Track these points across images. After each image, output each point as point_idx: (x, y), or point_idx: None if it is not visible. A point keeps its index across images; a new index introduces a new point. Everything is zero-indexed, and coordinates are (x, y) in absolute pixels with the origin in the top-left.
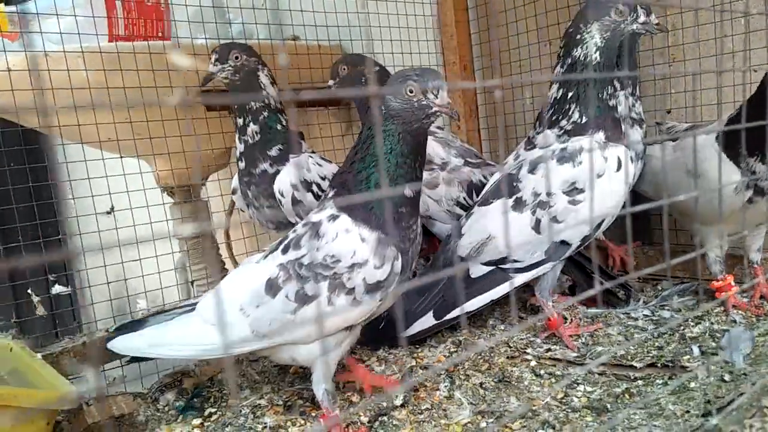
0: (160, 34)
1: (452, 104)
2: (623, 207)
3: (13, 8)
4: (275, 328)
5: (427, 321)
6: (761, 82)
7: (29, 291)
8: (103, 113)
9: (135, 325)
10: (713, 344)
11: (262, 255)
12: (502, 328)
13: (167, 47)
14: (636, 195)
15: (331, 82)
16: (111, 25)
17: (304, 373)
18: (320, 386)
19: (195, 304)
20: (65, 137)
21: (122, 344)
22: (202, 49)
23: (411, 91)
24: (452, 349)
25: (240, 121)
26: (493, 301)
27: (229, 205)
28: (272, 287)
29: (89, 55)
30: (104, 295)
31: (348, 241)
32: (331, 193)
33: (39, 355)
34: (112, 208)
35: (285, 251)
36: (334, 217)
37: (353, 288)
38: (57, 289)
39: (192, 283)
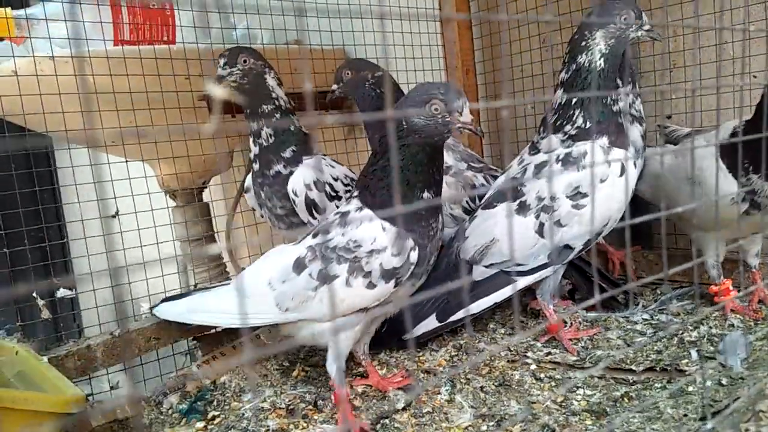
0: (165, 38)
1: (475, 121)
2: (623, 218)
3: (21, 12)
4: (296, 303)
5: (431, 323)
6: (761, 99)
7: (34, 294)
8: (109, 117)
9: (179, 296)
10: (711, 348)
11: (298, 240)
12: (503, 332)
13: (209, 56)
14: (634, 197)
15: (334, 87)
16: (117, 31)
17: (306, 377)
18: (333, 365)
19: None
20: (71, 141)
21: (165, 309)
22: (206, 54)
23: (436, 110)
24: (453, 353)
25: (254, 125)
26: (496, 303)
27: (232, 205)
28: (299, 266)
29: (95, 59)
30: (107, 299)
31: (370, 229)
32: (355, 193)
33: (45, 358)
34: (117, 212)
35: (315, 235)
36: (360, 209)
37: (370, 272)
38: (62, 292)
39: (195, 286)
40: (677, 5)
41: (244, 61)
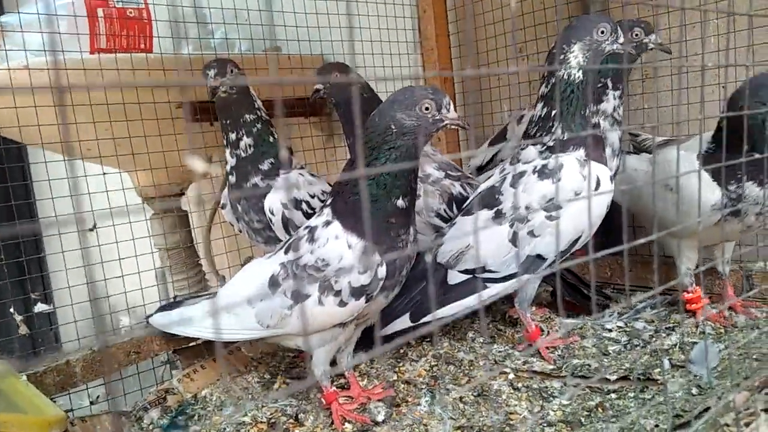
0: (142, 46)
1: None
2: (587, 251)
3: None
4: (276, 321)
5: (404, 322)
6: (728, 107)
7: (11, 310)
8: (86, 127)
9: (173, 305)
10: (683, 357)
11: (273, 252)
12: (482, 341)
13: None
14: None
15: (320, 86)
16: (93, 39)
17: (287, 389)
18: (319, 368)
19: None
20: (47, 149)
21: (160, 320)
22: (184, 62)
23: (427, 108)
24: (433, 363)
25: (233, 135)
26: (468, 308)
27: (208, 219)
28: (274, 284)
29: (71, 67)
30: (86, 313)
31: (336, 246)
32: (329, 200)
33: (24, 376)
34: (95, 225)
35: (287, 251)
36: (327, 223)
37: (340, 290)
38: (39, 307)
39: (174, 298)
40: (649, 17)
41: (232, 71)
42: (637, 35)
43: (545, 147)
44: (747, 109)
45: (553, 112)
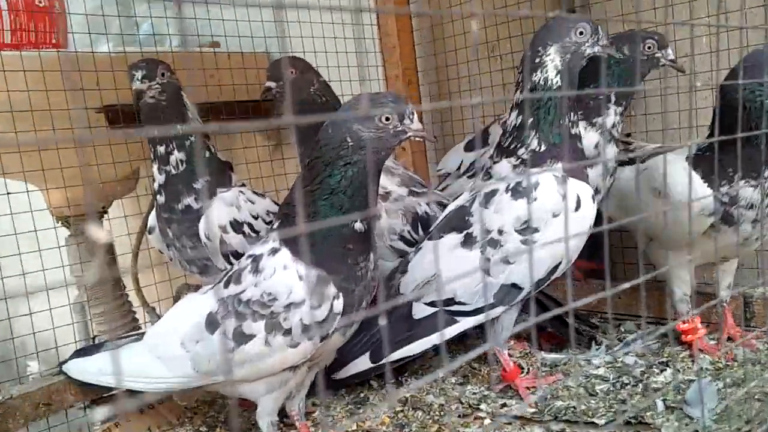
0: (54, 41)
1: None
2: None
3: None
4: (214, 366)
5: (363, 363)
6: (722, 98)
7: None
8: None
9: (91, 349)
10: (678, 397)
11: (210, 285)
12: (453, 381)
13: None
14: (599, 215)
15: (271, 84)
16: None
17: None
18: (264, 420)
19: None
20: None
21: (76, 367)
22: (104, 61)
23: (387, 119)
24: (398, 408)
25: (162, 149)
26: (435, 346)
27: (134, 244)
28: (212, 323)
29: None
30: None
31: (285, 278)
32: (276, 224)
33: None
34: None
35: (227, 285)
36: (274, 251)
37: (290, 329)
38: None
39: (93, 339)
40: (633, 13)
41: (163, 75)
42: (649, 48)
43: (520, 160)
44: (743, 91)
45: (529, 121)
